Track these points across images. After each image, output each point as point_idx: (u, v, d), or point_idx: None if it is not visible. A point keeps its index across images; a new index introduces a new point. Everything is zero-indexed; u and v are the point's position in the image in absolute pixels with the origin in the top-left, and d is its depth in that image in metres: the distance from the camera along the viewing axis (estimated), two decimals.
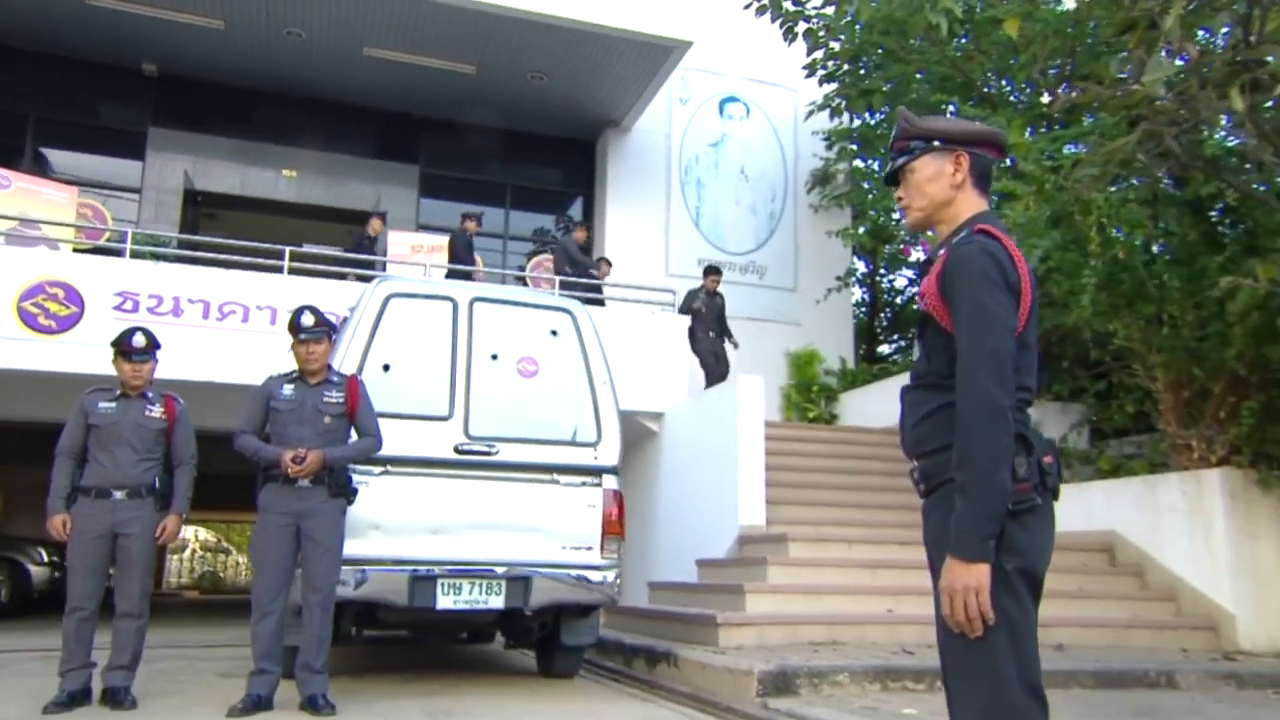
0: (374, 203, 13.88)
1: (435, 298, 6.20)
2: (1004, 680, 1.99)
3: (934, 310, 2.19)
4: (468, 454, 5.82)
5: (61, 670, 5.02)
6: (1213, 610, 7.86)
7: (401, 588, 5.49)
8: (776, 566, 7.53)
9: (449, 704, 5.38)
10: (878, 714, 4.97)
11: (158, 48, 12.57)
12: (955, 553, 1.99)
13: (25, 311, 9.11)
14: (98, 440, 5.14)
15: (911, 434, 2.30)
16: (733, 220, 14.51)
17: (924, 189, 2.34)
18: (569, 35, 12.05)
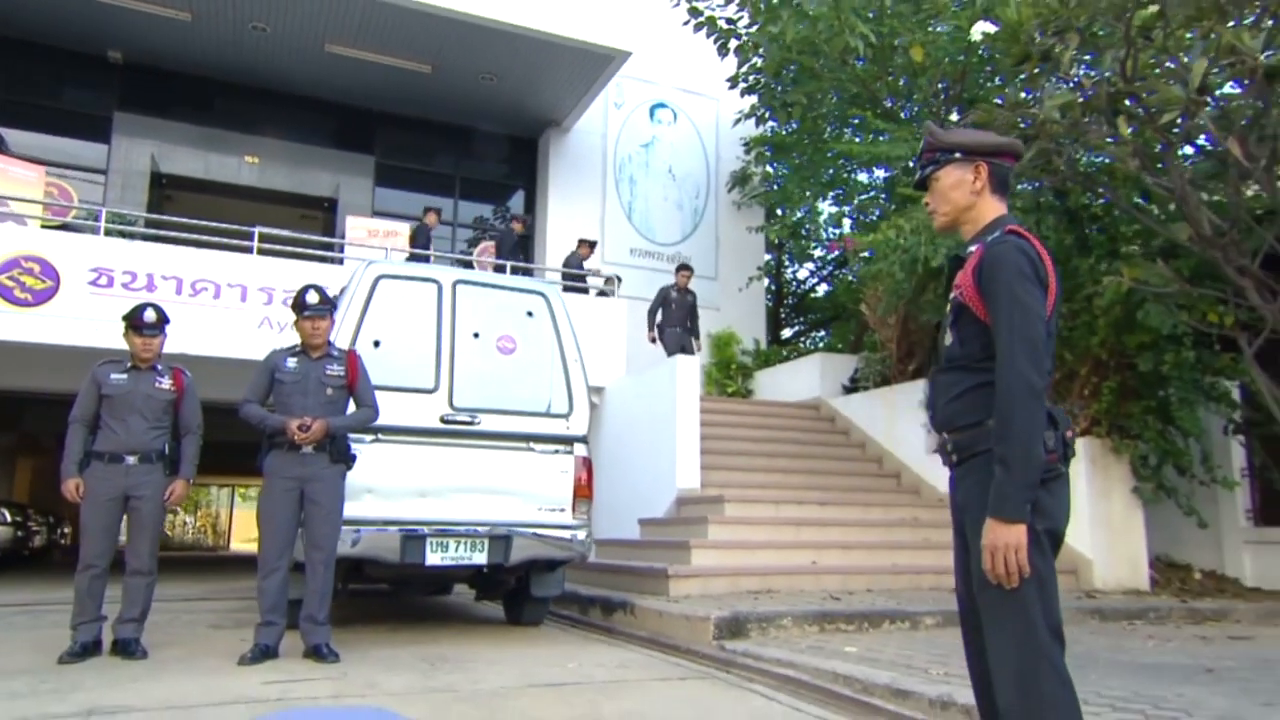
0: (332, 189, 13.49)
1: (421, 280, 6.06)
2: (1034, 623, 2.08)
3: (970, 301, 2.22)
4: (452, 424, 5.73)
5: (74, 623, 4.84)
6: (1074, 557, 8.16)
7: (394, 545, 5.39)
8: (716, 525, 7.57)
9: (440, 651, 5.28)
10: (823, 652, 5.03)
11: (124, 36, 11.85)
12: (997, 515, 2.05)
13: (2, 285, 8.54)
14: (110, 409, 4.93)
15: (944, 411, 2.32)
16: (661, 215, 14.52)
17: (948, 196, 2.38)
18: (519, 41, 11.83)
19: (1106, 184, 7.79)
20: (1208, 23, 6.24)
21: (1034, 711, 2.03)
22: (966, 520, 2.23)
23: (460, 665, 4.76)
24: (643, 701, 3.97)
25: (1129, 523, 8.36)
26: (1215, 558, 9.11)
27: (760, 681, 4.52)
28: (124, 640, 4.89)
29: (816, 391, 11.89)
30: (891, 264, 8.98)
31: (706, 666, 4.98)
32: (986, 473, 2.13)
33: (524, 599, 6.49)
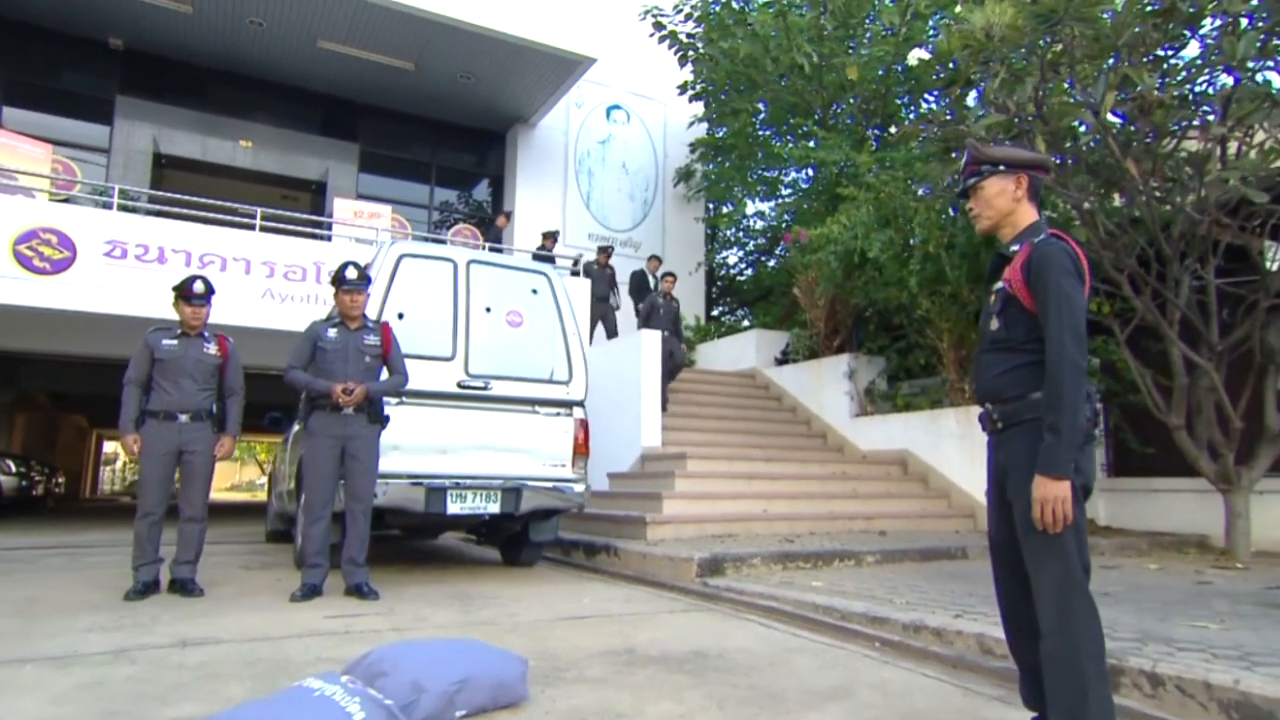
0: (321, 174, 13.01)
1: (439, 259, 5.92)
2: (1071, 562, 2.17)
3: (1018, 292, 2.29)
4: (468, 389, 5.66)
5: (135, 564, 4.72)
6: (973, 503, 8.40)
7: (419, 497, 5.33)
8: (681, 479, 7.63)
9: (463, 589, 5.26)
10: (794, 586, 5.10)
11: (127, 25, 11.20)
12: (1047, 472, 2.12)
13: (21, 254, 8.07)
14: (163, 372, 4.78)
15: (991, 384, 2.38)
16: (616, 204, 14.47)
17: (993, 203, 2.44)
18: (495, 44, 11.57)
19: None
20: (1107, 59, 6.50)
21: (1071, 631, 2.14)
22: (1010, 479, 2.30)
23: (488, 602, 4.74)
24: (663, 630, 4.01)
25: None
26: None
27: (750, 613, 4.60)
28: (181, 580, 4.79)
29: (753, 362, 12.06)
30: (828, 255, 9.15)
31: (698, 600, 5.03)
32: (1029, 438, 2.23)
33: (522, 543, 6.48)
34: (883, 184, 8.57)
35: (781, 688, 2.96)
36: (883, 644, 3.87)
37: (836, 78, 10.17)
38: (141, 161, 11.66)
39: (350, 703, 2.08)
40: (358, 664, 2.48)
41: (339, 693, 2.11)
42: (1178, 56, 6.89)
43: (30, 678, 2.95)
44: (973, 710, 2.82)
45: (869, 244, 8.42)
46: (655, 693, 2.85)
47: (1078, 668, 2.14)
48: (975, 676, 3.29)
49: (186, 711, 2.56)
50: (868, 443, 9.72)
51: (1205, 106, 6.52)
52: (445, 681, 2.42)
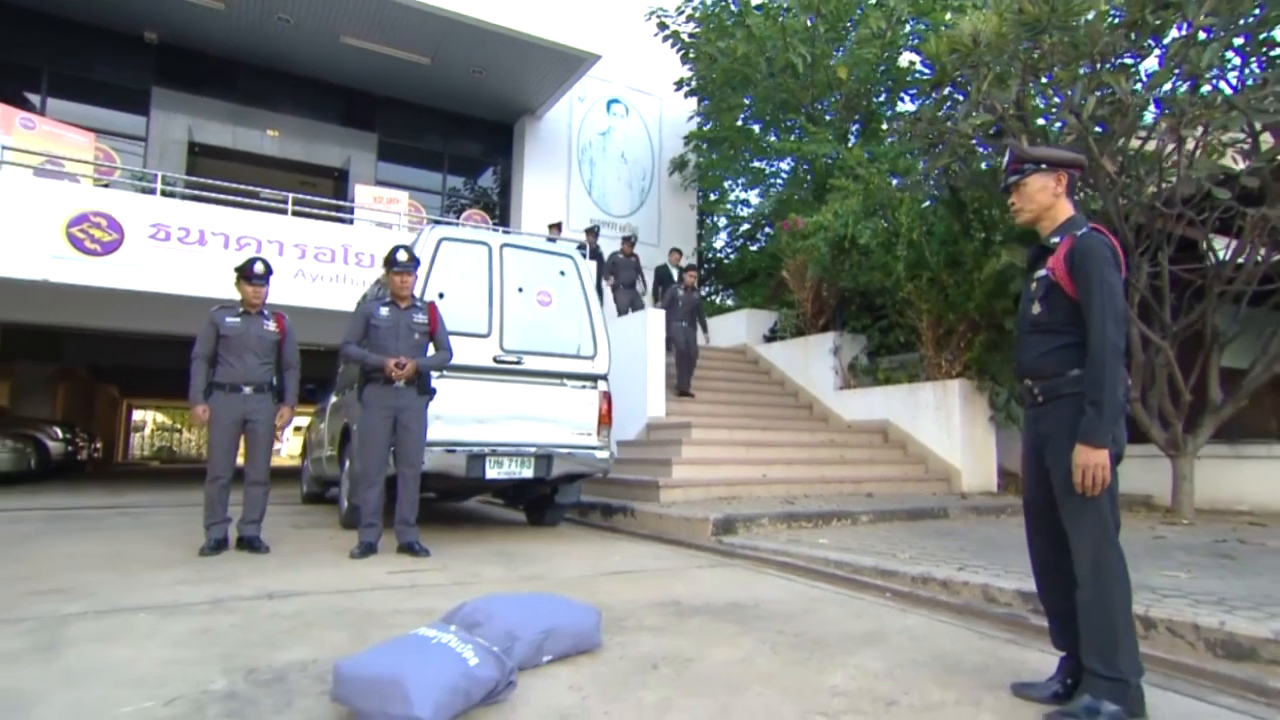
0: (343, 161, 12.83)
1: (475, 243, 5.89)
2: (1105, 520, 2.25)
3: (1061, 280, 2.33)
4: (503, 363, 5.66)
5: (207, 523, 4.75)
6: (948, 468, 8.62)
7: (460, 463, 5.36)
8: (687, 446, 7.68)
9: (504, 547, 5.29)
10: (801, 543, 5.18)
11: (162, 20, 10.95)
12: (1088, 441, 2.19)
13: (74, 236, 7.95)
14: (227, 347, 4.77)
15: (1033, 363, 2.42)
16: (615, 191, 14.38)
17: (1035, 198, 2.47)
18: (508, 41, 11.41)
19: (991, 184, 8.09)
20: (1082, 65, 6.54)
21: (1104, 582, 2.22)
22: (1049, 446, 2.35)
23: (530, 559, 4.77)
24: (698, 584, 4.06)
25: (985, 443, 8.82)
26: None
27: (769, 568, 4.66)
28: (249, 537, 4.82)
29: (743, 339, 12.11)
30: (818, 241, 9.18)
31: (718, 557, 5.07)
32: (1068, 411, 2.28)
33: (547, 505, 6.53)
34: (871, 176, 8.59)
35: (821, 634, 3.04)
36: (894, 594, 3.95)
37: (825, 76, 10.16)
38: (177, 150, 11.44)
39: (464, 648, 2.12)
40: (455, 614, 2.52)
41: (453, 640, 2.16)
42: (1140, 65, 6.96)
43: (145, 624, 2.98)
44: (992, 650, 2.91)
45: (859, 231, 8.45)
46: (711, 639, 2.91)
47: (1109, 614, 2.22)
48: (982, 622, 3.39)
49: (297, 655, 2.60)
50: (851, 413, 9.83)
51: (1168, 110, 6.59)
52: (534, 630, 2.48)
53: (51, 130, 9.21)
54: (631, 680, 2.41)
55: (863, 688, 2.41)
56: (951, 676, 2.56)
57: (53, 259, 7.84)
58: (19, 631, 2.87)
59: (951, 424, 8.72)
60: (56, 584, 3.70)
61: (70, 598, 3.41)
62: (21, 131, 8.77)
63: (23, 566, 4.19)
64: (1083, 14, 6.21)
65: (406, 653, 2.07)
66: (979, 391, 8.84)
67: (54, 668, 2.45)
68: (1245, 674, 2.74)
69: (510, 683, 2.16)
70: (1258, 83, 6.02)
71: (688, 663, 2.60)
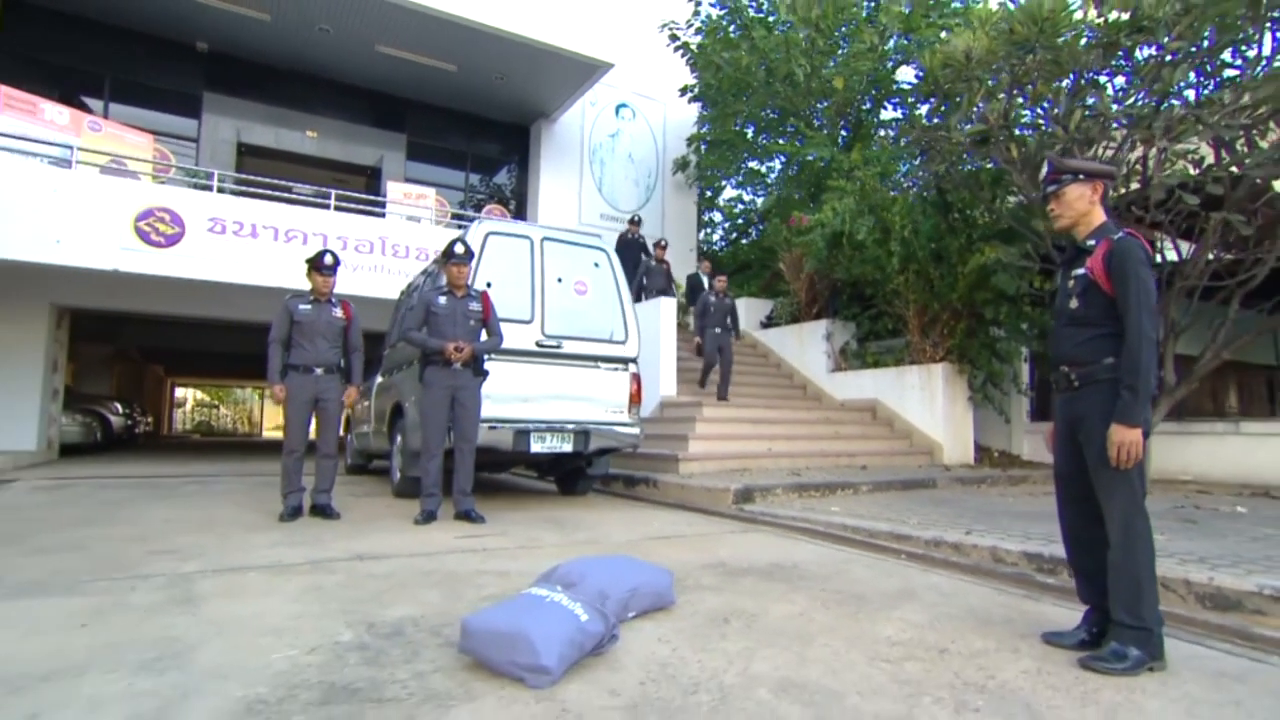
0: (376, 160, 12.71)
1: (518, 236, 5.87)
2: (1135, 490, 2.33)
3: (1098, 279, 2.38)
4: (544, 347, 5.68)
5: (284, 492, 4.80)
6: (931, 443, 8.72)
7: (508, 438, 5.39)
8: (700, 423, 7.73)
9: (550, 515, 5.33)
10: (814, 510, 5.26)
11: (213, 31, 10.79)
12: (1123, 421, 2.26)
13: (141, 229, 7.93)
14: (300, 332, 4.79)
15: (1070, 351, 2.47)
16: (623, 189, 14.30)
17: (1073, 205, 2.51)
18: (529, 50, 11.29)
19: (977, 187, 8.13)
20: (1064, 79, 6.58)
21: (1133, 542, 2.31)
22: (1083, 426, 2.41)
23: (577, 526, 4.80)
24: (735, 548, 4.11)
25: (964, 420, 8.93)
26: (1006, 442, 9.82)
27: (791, 533, 4.69)
28: (321, 505, 4.86)
29: (742, 325, 12.13)
30: (816, 237, 9.21)
31: (741, 523, 5.10)
32: (1101, 395, 2.35)
33: (579, 476, 6.58)
34: (867, 177, 8.62)
35: (860, 591, 3.12)
36: (909, 556, 4.02)
37: (820, 85, 10.16)
38: (226, 149, 11.31)
39: (574, 606, 2.18)
40: (551, 575, 2.58)
41: (563, 599, 2.22)
42: (1112, 80, 7.01)
43: (260, 582, 3.02)
44: (1014, 605, 3.00)
45: (856, 228, 8.49)
46: (767, 597, 2.99)
47: (1136, 572, 2.30)
48: (995, 580, 3.48)
49: (405, 611, 2.65)
50: (843, 393, 9.92)
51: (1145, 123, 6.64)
52: (622, 589, 2.54)
53: (115, 132, 9.10)
54: (710, 633, 2.48)
55: (913, 638, 2.49)
56: (986, 627, 2.65)
57: (122, 250, 7.80)
58: (155, 586, 2.91)
59: (935, 403, 8.82)
60: (167, 545, 3.74)
61: (183, 557, 3.45)
62: (89, 133, 8.67)
63: (134, 529, 4.23)
64: (1063, 33, 6.25)
65: (528, 610, 2.12)
66: (959, 374, 8.94)
67: (198, 618, 2.51)
68: (1233, 622, 2.86)
69: (614, 636, 2.23)
70: (1213, 95, 6.05)
71: (754, 617, 2.67)
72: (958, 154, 7.40)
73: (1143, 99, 6.47)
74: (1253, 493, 6.87)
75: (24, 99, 8.25)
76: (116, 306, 9.47)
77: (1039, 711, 1.92)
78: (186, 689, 1.91)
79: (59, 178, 7.81)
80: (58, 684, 1.93)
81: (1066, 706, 1.97)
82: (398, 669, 2.08)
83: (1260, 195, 6.29)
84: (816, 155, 10.27)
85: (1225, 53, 6.20)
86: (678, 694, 1.95)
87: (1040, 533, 4.21)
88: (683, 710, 1.84)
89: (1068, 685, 2.12)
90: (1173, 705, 2.00)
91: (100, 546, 3.71)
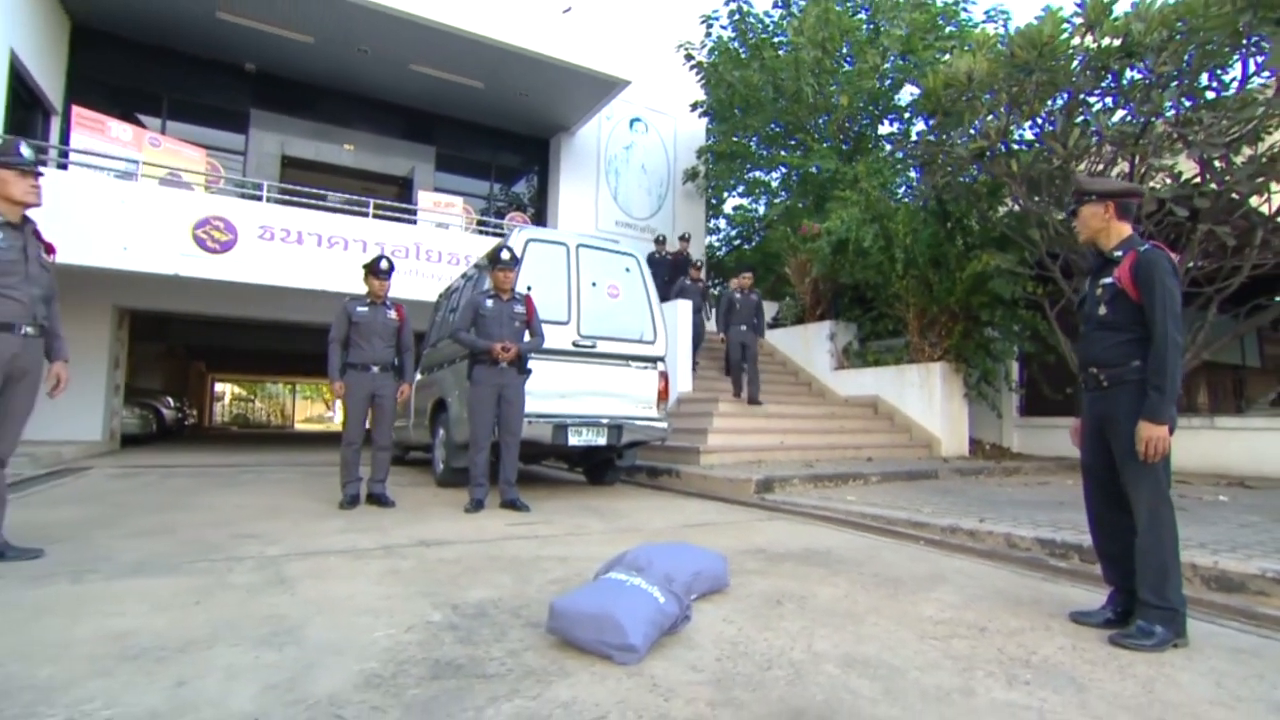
0: (407, 171, 12.75)
1: (555, 243, 5.89)
2: (1160, 481, 2.36)
3: (1126, 287, 2.41)
4: (580, 347, 5.71)
5: (344, 481, 4.83)
6: (929, 437, 8.74)
7: (548, 432, 5.42)
8: (717, 417, 7.77)
9: (588, 503, 5.35)
10: (832, 499, 5.26)
11: (260, 53, 10.82)
12: (1152, 419, 2.29)
13: (199, 237, 7.99)
14: (358, 333, 4.82)
15: (1099, 354, 2.49)
16: (636, 198, 14.30)
17: (1088, 223, 2.55)
18: (551, 69, 11.31)
19: (974, 198, 8.14)
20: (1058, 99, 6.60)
21: (1158, 528, 2.35)
22: (1111, 423, 2.45)
23: (616, 514, 4.81)
24: (768, 534, 4.12)
25: (960, 415, 8.96)
26: (997, 435, 9.85)
27: (814, 521, 4.67)
28: (377, 494, 4.89)
29: None
30: (822, 244, 9.24)
31: (765, 511, 5.07)
32: (1128, 394, 2.38)
33: (608, 467, 6.59)
34: (872, 188, 8.65)
35: (894, 574, 3.16)
36: (927, 542, 4.02)
37: (824, 102, 10.18)
38: (271, 162, 11.36)
39: (652, 589, 2.23)
40: (620, 561, 2.60)
41: (642, 582, 2.26)
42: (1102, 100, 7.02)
43: (342, 565, 3.06)
44: (1036, 587, 3.04)
45: (862, 235, 8.52)
46: (810, 580, 3.02)
47: (1162, 556, 2.34)
48: (1011, 564, 3.50)
49: (483, 594, 2.69)
50: (845, 390, 9.95)
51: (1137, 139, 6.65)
52: (686, 573, 2.58)
53: (172, 147, 9.17)
54: (768, 613, 2.52)
55: (953, 617, 2.53)
56: (1017, 607, 2.69)
57: (181, 256, 7.86)
58: (248, 568, 2.96)
59: (933, 399, 8.85)
60: (247, 530, 3.79)
61: (266, 542, 3.50)
62: (150, 149, 8.73)
63: (212, 515, 4.28)
64: (1060, 56, 6.27)
65: (613, 593, 2.16)
66: (956, 373, 8.96)
67: (297, 598, 2.55)
68: (1238, 603, 2.90)
69: (686, 617, 2.27)
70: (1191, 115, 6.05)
71: (804, 599, 2.71)
72: (957, 167, 7.42)
73: (1130, 117, 6.49)
74: (1228, 483, 6.88)
75: (93, 118, 8.33)
76: (171, 308, 9.55)
77: (1083, 683, 1.97)
78: (307, 662, 1.96)
79: (125, 190, 7.88)
80: (193, 655, 1.98)
81: (1106, 679, 2.01)
82: (491, 647, 2.12)
83: (1237, 209, 6.32)
84: (820, 167, 10.29)
85: (1203, 76, 6.23)
86: (754, 669, 1.99)
87: (1046, 520, 4.23)
88: (762, 684, 1.89)
89: (1103, 660, 2.17)
90: (1202, 678, 2.05)
91: (187, 531, 3.76)
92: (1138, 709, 1.81)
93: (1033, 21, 6.49)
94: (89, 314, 9.25)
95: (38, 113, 9.12)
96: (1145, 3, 5.96)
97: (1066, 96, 6.60)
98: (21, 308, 2.99)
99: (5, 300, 2.94)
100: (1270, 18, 5.40)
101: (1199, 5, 5.60)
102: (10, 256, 2.95)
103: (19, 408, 3.06)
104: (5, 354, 2.95)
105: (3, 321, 2.94)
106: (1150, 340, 2.35)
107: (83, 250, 7.58)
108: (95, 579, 2.76)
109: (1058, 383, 9.05)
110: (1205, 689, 1.96)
